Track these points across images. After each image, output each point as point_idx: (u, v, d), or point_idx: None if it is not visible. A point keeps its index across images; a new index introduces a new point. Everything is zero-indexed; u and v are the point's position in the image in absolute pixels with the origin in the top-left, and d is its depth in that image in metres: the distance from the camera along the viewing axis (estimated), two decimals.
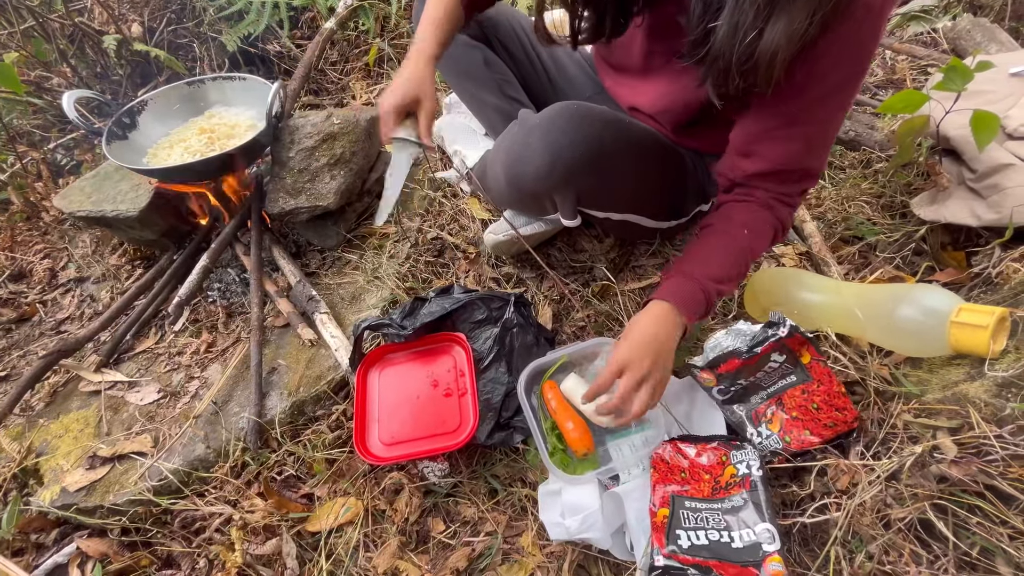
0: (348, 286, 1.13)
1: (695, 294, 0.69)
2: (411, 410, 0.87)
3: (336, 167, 1.15)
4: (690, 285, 0.69)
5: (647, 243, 1.10)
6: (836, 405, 0.75)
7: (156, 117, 1.19)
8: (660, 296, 0.68)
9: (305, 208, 1.12)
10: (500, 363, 0.88)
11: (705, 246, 0.72)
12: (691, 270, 0.70)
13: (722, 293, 0.71)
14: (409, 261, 1.13)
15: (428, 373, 0.91)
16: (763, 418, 0.78)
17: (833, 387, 0.76)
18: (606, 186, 0.77)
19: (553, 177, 0.73)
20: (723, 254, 0.71)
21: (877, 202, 1.11)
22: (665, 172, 0.82)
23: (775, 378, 0.79)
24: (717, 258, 0.71)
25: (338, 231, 1.20)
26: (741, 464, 0.71)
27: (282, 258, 1.17)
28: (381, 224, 0.72)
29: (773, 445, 0.75)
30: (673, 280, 0.70)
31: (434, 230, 1.18)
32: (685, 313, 0.68)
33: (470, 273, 1.11)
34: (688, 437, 0.76)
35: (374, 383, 0.91)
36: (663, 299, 0.68)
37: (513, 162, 0.76)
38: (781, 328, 0.77)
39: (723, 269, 0.71)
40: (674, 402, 0.82)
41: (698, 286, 0.69)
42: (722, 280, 0.71)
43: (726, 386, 0.79)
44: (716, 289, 0.70)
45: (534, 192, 0.77)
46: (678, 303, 0.68)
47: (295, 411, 0.95)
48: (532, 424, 0.76)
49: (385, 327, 0.93)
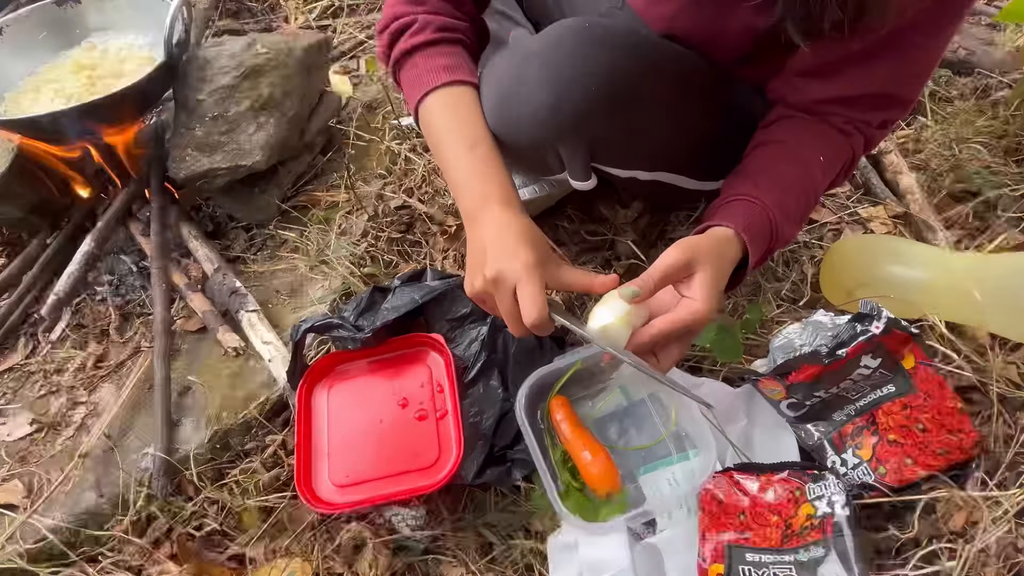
0: (285, 275, 1.12)
1: (764, 228, 0.67)
2: (373, 440, 0.87)
3: (263, 113, 1.13)
4: (761, 216, 0.67)
5: (687, 209, 1.09)
6: (949, 426, 0.74)
7: (15, 50, 1.17)
8: (725, 221, 0.66)
9: (223, 170, 1.11)
10: (492, 374, 0.87)
11: (774, 169, 0.71)
12: (759, 196, 0.68)
13: (786, 240, 0.71)
14: (367, 239, 1.12)
15: (394, 389, 0.90)
16: (850, 442, 0.77)
17: (946, 401, 0.75)
18: (630, 134, 0.76)
19: (557, 122, 0.72)
20: (797, 183, 0.70)
21: (997, 144, 1.10)
22: (710, 114, 0.81)
23: (866, 389, 0.79)
24: (791, 187, 0.70)
25: (269, 200, 1.19)
26: (821, 501, 0.70)
27: (194, 239, 1.16)
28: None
29: (863, 477, 0.75)
30: (741, 205, 0.68)
31: (400, 196, 1.18)
32: (752, 253, 0.66)
33: (449, 253, 1.11)
34: (749, 466, 0.76)
35: (322, 404, 0.91)
36: (729, 226, 0.66)
37: (503, 102, 0.74)
38: (875, 322, 0.75)
39: (796, 203, 0.70)
40: (729, 419, 0.82)
41: (767, 218, 0.67)
42: (792, 218, 0.70)
43: (800, 399, 0.79)
44: (783, 230, 0.69)
45: (532, 143, 0.76)
46: (750, 237, 0.66)
47: (217, 445, 0.94)
48: (536, 455, 0.76)
49: (335, 329, 0.92)
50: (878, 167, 1.15)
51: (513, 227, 0.67)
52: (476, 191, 0.70)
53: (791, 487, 0.73)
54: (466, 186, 0.72)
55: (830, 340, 0.79)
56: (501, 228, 0.67)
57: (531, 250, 0.64)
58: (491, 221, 0.68)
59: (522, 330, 0.64)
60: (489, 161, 0.72)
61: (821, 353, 0.77)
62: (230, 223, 1.22)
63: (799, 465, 0.75)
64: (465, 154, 0.72)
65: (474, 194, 0.70)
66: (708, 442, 0.76)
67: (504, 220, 0.68)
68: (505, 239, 0.65)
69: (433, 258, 1.11)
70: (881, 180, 1.13)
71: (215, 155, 1.11)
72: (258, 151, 1.12)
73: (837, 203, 1.12)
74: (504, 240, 0.65)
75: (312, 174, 1.26)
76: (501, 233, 0.66)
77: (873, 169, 1.14)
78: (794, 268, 1.03)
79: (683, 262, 0.62)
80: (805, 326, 0.84)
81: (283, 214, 1.20)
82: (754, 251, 0.67)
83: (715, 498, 0.73)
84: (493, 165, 0.72)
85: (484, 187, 0.70)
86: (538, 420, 0.83)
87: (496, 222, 0.67)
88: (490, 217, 0.68)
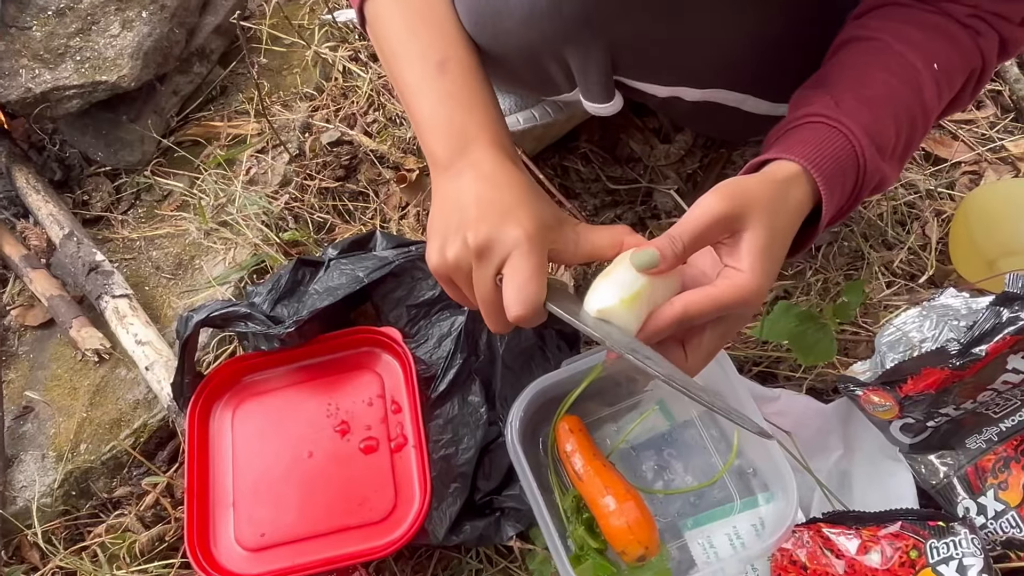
0: (168, 243, 1.12)
1: (845, 163, 0.67)
2: (299, 483, 0.86)
3: (132, 4, 1.13)
4: (842, 145, 0.67)
5: (755, 145, 1.10)
6: None
7: None
8: (787, 153, 0.66)
9: (74, 89, 1.11)
10: (471, 385, 0.87)
11: (864, 78, 0.71)
12: (839, 117, 0.68)
13: (882, 184, 0.71)
14: (288, 190, 1.12)
15: (329, 409, 0.90)
16: (991, 479, 0.78)
17: None
18: (672, 33, 0.76)
19: (563, 17, 0.72)
20: (897, 100, 0.70)
21: None
22: (789, 5, 0.80)
23: (1016, 403, 0.79)
24: (888, 106, 0.69)
25: (144, 134, 1.18)
26: (948, 566, 0.71)
27: (35, 191, 1.15)
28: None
29: (1009, 530, 0.76)
30: (812, 130, 0.68)
31: (336, 127, 1.18)
32: (827, 199, 0.66)
33: (409, 210, 1.11)
34: (844, 516, 0.77)
35: (224, 432, 0.91)
36: (793, 160, 0.66)
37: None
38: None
39: (896, 130, 0.70)
40: (816, 449, 0.82)
41: (851, 149, 0.67)
42: (889, 152, 0.70)
43: (919, 418, 0.79)
44: (876, 168, 0.69)
45: (527, 49, 0.77)
46: (823, 176, 0.65)
47: (72, 491, 0.95)
48: (537, 503, 0.76)
49: (242, 321, 0.91)
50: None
51: (505, 177, 0.68)
52: (450, 128, 0.71)
53: (905, 545, 0.73)
54: (434, 121, 0.72)
55: (964, 333, 0.79)
56: (488, 179, 0.67)
57: (530, 211, 0.64)
58: (472, 169, 0.68)
59: (502, 323, 0.65)
60: (467, 82, 0.72)
61: (950, 352, 0.76)
62: (87, 168, 1.21)
63: (917, 514, 0.76)
64: (433, 74, 0.72)
65: (447, 132, 0.71)
66: (786, 482, 0.75)
67: (491, 167, 0.68)
68: (496, 195, 0.66)
69: (386, 217, 1.11)
70: None
71: (62, 67, 1.10)
72: (125, 61, 1.11)
73: (975, 133, 1.11)
74: (493, 196, 0.66)
75: (207, 95, 1.26)
76: (488, 186, 0.67)
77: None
78: (912, 229, 1.03)
79: (724, 214, 0.61)
80: (927, 313, 0.84)
81: (165, 154, 1.20)
82: (830, 196, 0.66)
83: (795, 562, 0.74)
84: (473, 88, 0.72)
85: (461, 122, 0.71)
86: (540, 452, 0.83)
87: (479, 171, 0.68)
88: (471, 164, 0.69)
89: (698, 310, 0.60)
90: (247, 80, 1.26)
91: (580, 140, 1.12)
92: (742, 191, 0.62)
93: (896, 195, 1.06)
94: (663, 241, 0.60)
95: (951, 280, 0.97)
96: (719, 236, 0.62)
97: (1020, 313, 0.75)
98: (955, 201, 1.04)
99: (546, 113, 1.04)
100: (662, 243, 0.60)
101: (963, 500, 0.78)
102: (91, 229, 1.14)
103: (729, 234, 0.62)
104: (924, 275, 0.98)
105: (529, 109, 1.04)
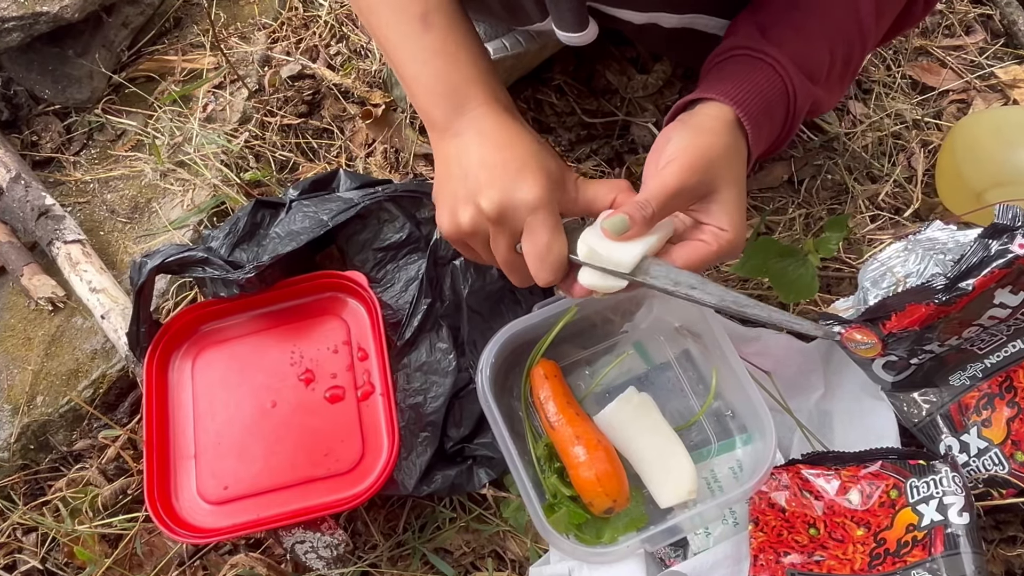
0: (122, 184, 1.11)
1: (772, 99, 0.70)
2: (262, 434, 0.87)
3: None
4: (769, 80, 0.70)
5: None
6: None
7: None
8: (714, 93, 0.69)
9: (13, 21, 1.07)
10: (440, 331, 0.88)
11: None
12: (763, 47, 0.70)
13: (818, 109, 0.74)
14: (247, 127, 1.11)
15: (293, 357, 0.91)
16: (974, 416, 0.78)
17: None
18: None
19: None
20: (829, 20, 0.72)
21: None
22: None
23: (1002, 338, 0.79)
24: (818, 27, 0.71)
25: (93, 69, 1.16)
26: (928, 505, 0.71)
27: None
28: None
29: (992, 467, 0.76)
30: (738, 63, 0.71)
31: (297, 59, 1.16)
32: (755, 140, 0.70)
33: (376, 147, 1.10)
34: (824, 457, 0.77)
35: (184, 382, 0.91)
36: (724, 103, 0.69)
37: None
38: (1019, 238, 0.74)
39: (830, 52, 0.71)
40: (796, 388, 0.82)
41: (779, 84, 0.70)
42: (823, 77, 0.72)
43: (903, 356, 0.79)
44: (808, 97, 0.71)
45: None
46: (748, 114, 0.68)
47: (31, 445, 0.95)
48: (509, 451, 0.76)
49: (200, 266, 0.90)
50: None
51: (507, 135, 0.69)
52: (443, 87, 0.72)
53: (885, 485, 0.73)
54: (424, 80, 0.72)
55: (950, 267, 0.78)
56: (490, 138, 0.69)
57: (537, 169, 0.67)
58: (472, 129, 0.70)
59: (527, 280, 0.69)
60: (453, 35, 0.72)
61: (936, 287, 0.75)
62: (35, 106, 1.19)
63: (898, 452, 0.75)
64: (417, 31, 0.72)
65: (439, 92, 0.72)
66: (764, 424, 0.76)
67: (491, 125, 0.70)
68: (500, 156, 0.68)
69: (351, 155, 1.10)
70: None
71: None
72: None
73: (963, 59, 1.10)
74: (498, 158, 0.68)
75: (159, 28, 1.22)
76: (491, 147, 0.69)
77: (1020, 7, 1.11)
78: (897, 161, 1.03)
79: (694, 185, 0.66)
80: (912, 247, 0.83)
81: (117, 91, 1.18)
82: (758, 133, 0.69)
83: (774, 505, 0.74)
84: (460, 42, 0.72)
85: (453, 80, 0.71)
86: (512, 399, 0.83)
87: (479, 129, 0.70)
88: (470, 123, 0.70)
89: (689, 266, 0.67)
90: (201, 11, 1.23)
91: (554, 71, 1.10)
92: (706, 160, 0.66)
93: (882, 126, 1.06)
94: (633, 207, 0.65)
95: (937, 213, 0.97)
96: (689, 204, 0.67)
97: (1009, 245, 0.75)
98: (942, 131, 1.04)
99: (517, 43, 1.02)
100: (632, 209, 0.65)
101: (946, 438, 0.78)
102: (41, 172, 1.12)
103: (699, 198, 0.67)
104: (910, 208, 0.98)
105: (499, 39, 1.01)
